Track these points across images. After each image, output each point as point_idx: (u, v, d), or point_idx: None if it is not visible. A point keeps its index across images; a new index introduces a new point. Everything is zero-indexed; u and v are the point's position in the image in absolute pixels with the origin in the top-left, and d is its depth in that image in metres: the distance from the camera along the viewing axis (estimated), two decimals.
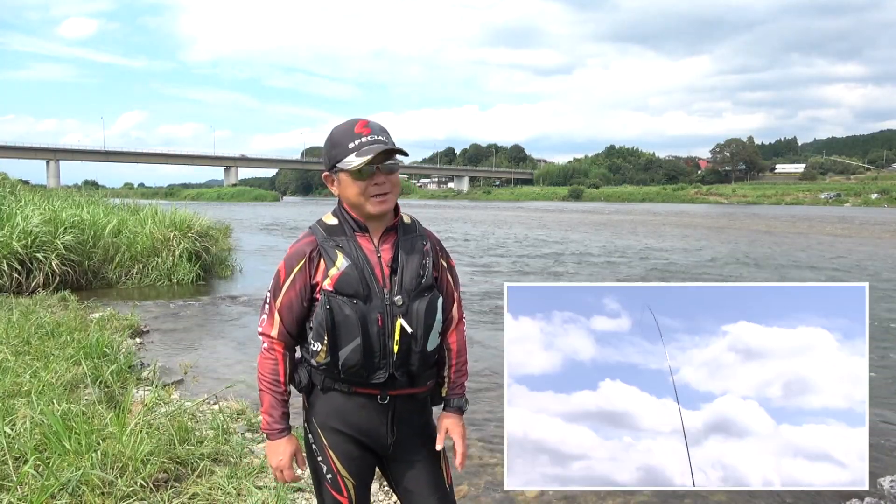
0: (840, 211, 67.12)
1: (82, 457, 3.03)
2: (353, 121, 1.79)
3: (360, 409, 1.80)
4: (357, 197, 1.76)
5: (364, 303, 1.72)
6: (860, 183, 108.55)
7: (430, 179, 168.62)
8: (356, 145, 1.73)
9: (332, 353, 1.74)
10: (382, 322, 1.73)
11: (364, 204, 1.76)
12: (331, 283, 1.73)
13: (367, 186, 1.75)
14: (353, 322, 1.72)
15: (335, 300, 1.72)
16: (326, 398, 1.82)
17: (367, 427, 1.81)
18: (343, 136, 1.76)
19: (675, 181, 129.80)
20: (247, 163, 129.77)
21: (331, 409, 1.81)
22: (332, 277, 1.73)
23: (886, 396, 5.47)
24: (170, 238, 11.38)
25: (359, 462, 1.84)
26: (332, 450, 1.82)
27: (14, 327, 6.00)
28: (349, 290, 1.73)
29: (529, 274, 14.08)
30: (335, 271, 1.73)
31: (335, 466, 1.81)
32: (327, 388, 1.80)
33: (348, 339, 1.72)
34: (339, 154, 1.75)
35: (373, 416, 1.80)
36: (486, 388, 5.57)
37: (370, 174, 1.74)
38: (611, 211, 61.10)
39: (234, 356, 6.67)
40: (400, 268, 1.78)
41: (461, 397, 1.97)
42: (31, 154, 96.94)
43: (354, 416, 1.80)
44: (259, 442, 3.98)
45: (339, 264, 1.74)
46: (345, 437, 1.81)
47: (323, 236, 1.79)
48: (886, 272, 14.18)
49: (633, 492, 3.47)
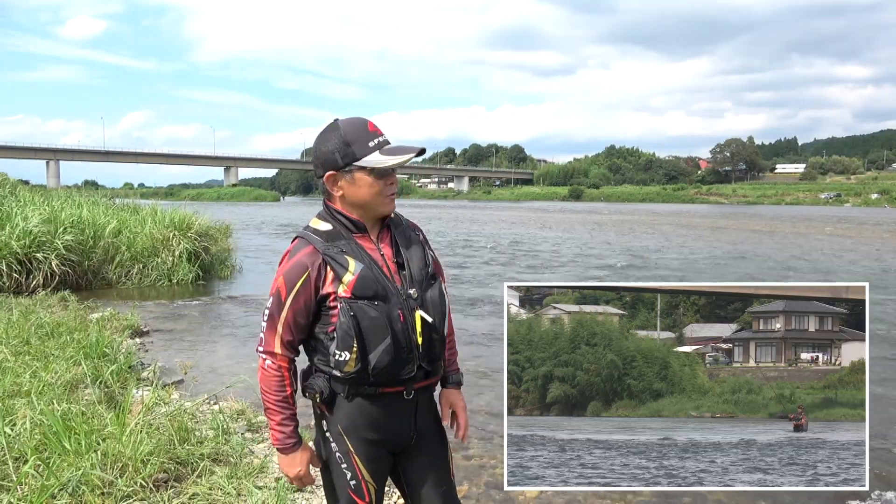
0: (840, 211, 67.11)
1: (82, 457, 3.02)
2: (359, 119, 1.76)
3: (386, 410, 1.78)
4: (374, 197, 1.74)
5: (384, 302, 1.71)
6: (860, 183, 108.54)
7: (430, 179, 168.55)
8: (377, 143, 1.71)
9: (362, 360, 1.70)
10: (404, 318, 1.73)
11: (377, 204, 1.75)
12: (347, 290, 1.69)
13: (384, 186, 1.74)
14: (380, 324, 1.69)
15: (357, 305, 1.68)
16: (352, 405, 1.77)
17: (393, 427, 1.81)
18: (359, 133, 1.72)
19: (675, 181, 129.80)
20: (247, 163, 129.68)
21: (357, 415, 1.78)
22: (347, 284, 1.69)
23: (886, 396, 5.46)
24: (169, 238, 11.37)
25: (380, 464, 1.84)
26: (358, 456, 1.79)
27: (14, 327, 6.00)
28: (369, 293, 1.70)
29: (530, 273, 14.08)
30: (350, 277, 1.69)
31: (360, 472, 1.79)
32: (352, 395, 1.76)
33: (378, 341, 1.69)
34: (358, 151, 1.71)
35: (400, 413, 1.80)
36: (486, 388, 5.57)
37: (387, 174, 1.73)
38: (611, 211, 61.10)
39: (234, 356, 6.67)
40: (406, 261, 1.79)
41: (457, 372, 2.02)
42: (31, 154, 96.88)
43: (382, 418, 1.78)
44: (259, 442, 3.97)
45: (353, 269, 1.70)
46: (370, 441, 1.80)
47: (323, 244, 1.73)
48: (887, 272, 14.17)
49: (633, 492, 3.47)
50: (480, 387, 5.60)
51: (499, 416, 4.05)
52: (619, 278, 13.19)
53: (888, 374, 6.19)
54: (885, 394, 5.50)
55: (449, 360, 1.98)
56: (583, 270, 14.36)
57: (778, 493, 3.46)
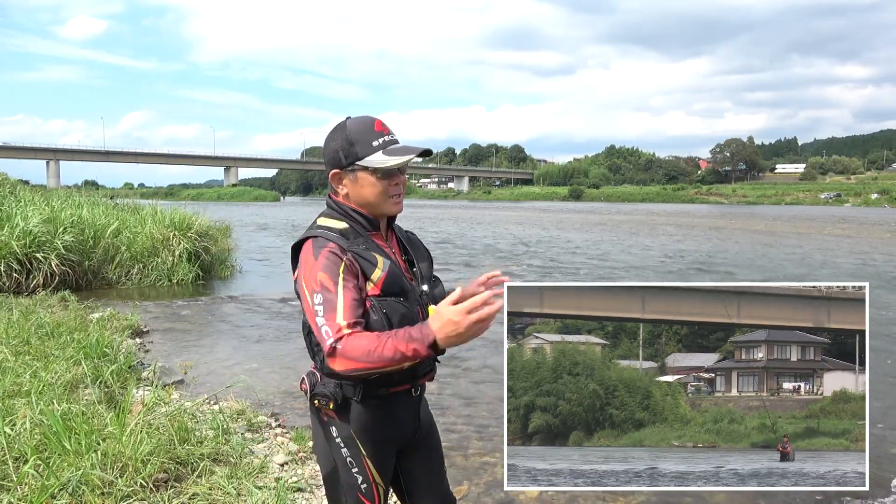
0: (840, 211, 67.12)
1: (82, 457, 3.02)
2: (368, 118, 1.73)
3: (396, 409, 1.79)
4: (377, 197, 1.72)
5: (406, 299, 1.71)
6: (860, 183, 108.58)
7: (430, 179, 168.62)
8: (381, 143, 1.68)
9: None
10: (422, 313, 1.74)
11: (382, 204, 1.74)
12: (377, 288, 1.66)
13: (388, 186, 1.72)
14: (409, 321, 1.64)
15: (387, 303, 1.66)
16: (364, 407, 1.74)
17: (402, 425, 1.82)
18: (363, 132, 1.69)
19: (675, 181, 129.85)
20: (247, 163, 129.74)
21: (369, 418, 1.76)
22: (376, 281, 1.66)
23: (886, 396, 5.47)
24: (169, 238, 11.37)
25: (388, 464, 1.84)
26: (369, 459, 1.77)
27: (14, 327, 6.00)
28: (395, 290, 1.68)
29: (530, 273, 14.07)
30: (379, 274, 1.66)
31: (371, 475, 1.78)
32: (365, 397, 1.73)
33: None
34: (361, 151, 1.68)
35: (407, 411, 1.82)
36: (486, 388, 5.57)
37: (392, 174, 1.71)
38: (611, 211, 61.10)
39: (234, 356, 6.67)
40: (415, 259, 1.82)
41: None
42: (31, 154, 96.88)
43: (392, 418, 1.78)
44: (259, 442, 3.98)
45: (382, 266, 1.67)
46: (381, 443, 1.79)
47: (345, 241, 1.67)
48: (888, 272, 14.17)
49: (633, 492, 3.47)
50: (480, 387, 5.61)
51: (499, 416, 4.05)
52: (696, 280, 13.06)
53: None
54: (885, 393, 5.50)
55: None
56: (661, 276, 13.78)
57: (778, 493, 3.46)
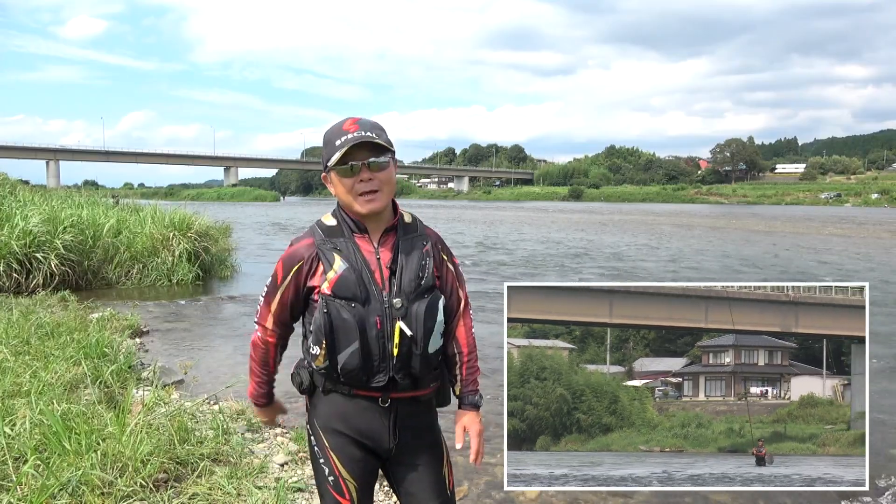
0: (840, 211, 67.08)
1: (82, 457, 3.02)
2: (345, 119, 1.76)
3: (361, 412, 1.79)
4: (346, 195, 1.74)
5: (362, 306, 1.70)
6: (860, 183, 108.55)
7: (430, 179, 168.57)
8: (343, 142, 1.70)
9: (330, 357, 1.73)
10: (381, 325, 1.71)
11: (352, 203, 1.74)
12: (329, 287, 1.71)
13: (353, 184, 1.72)
14: (350, 326, 1.69)
15: (333, 304, 1.70)
16: (328, 400, 1.81)
17: (368, 430, 1.80)
18: (333, 134, 1.74)
19: (675, 181, 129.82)
20: (247, 163, 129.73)
21: (332, 411, 1.80)
22: (329, 281, 1.71)
23: (886, 396, 5.46)
24: (169, 238, 11.37)
25: (361, 464, 1.82)
26: (333, 451, 1.80)
27: (14, 327, 5.99)
28: (347, 294, 1.70)
29: (532, 273, 14.06)
30: (332, 274, 1.71)
31: (337, 468, 1.80)
32: (328, 390, 1.80)
33: (346, 343, 1.70)
34: (329, 153, 1.73)
35: (374, 418, 1.79)
36: (486, 388, 5.56)
37: (356, 171, 1.71)
38: (611, 211, 61.09)
39: (234, 356, 6.66)
40: (399, 269, 1.75)
41: (475, 393, 1.95)
42: (31, 154, 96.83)
43: (355, 419, 1.79)
44: (259, 442, 3.98)
45: (337, 267, 1.72)
46: (347, 438, 1.80)
47: (321, 238, 1.77)
48: (888, 272, 14.16)
49: (632, 492, 3.46)
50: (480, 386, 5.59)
51: (499, 415, 4.04)
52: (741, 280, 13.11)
53: None
54: (885, 393, 5.50)
55: (466, 378, 1.93)
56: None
57: (778, 493, 3.46)
